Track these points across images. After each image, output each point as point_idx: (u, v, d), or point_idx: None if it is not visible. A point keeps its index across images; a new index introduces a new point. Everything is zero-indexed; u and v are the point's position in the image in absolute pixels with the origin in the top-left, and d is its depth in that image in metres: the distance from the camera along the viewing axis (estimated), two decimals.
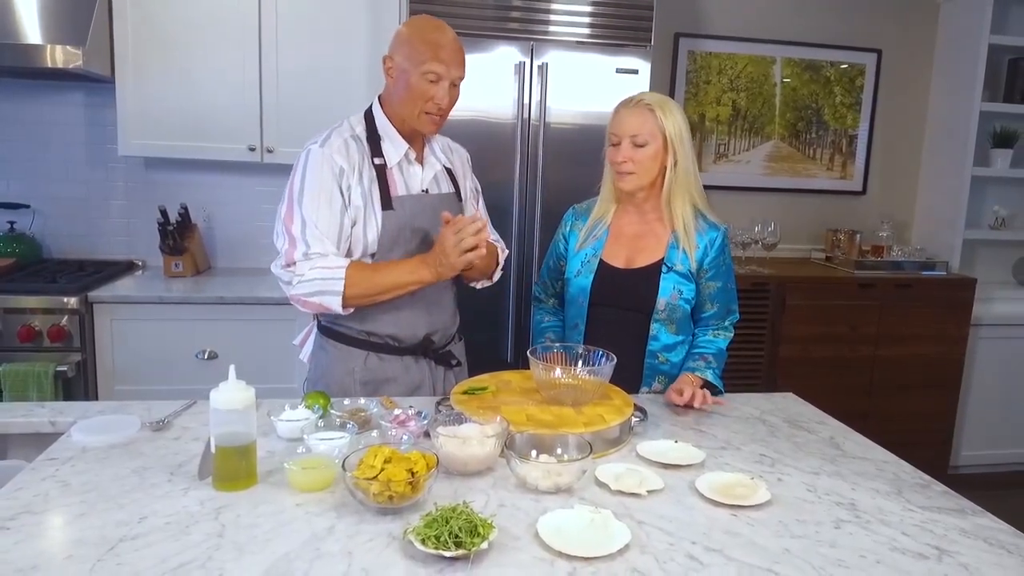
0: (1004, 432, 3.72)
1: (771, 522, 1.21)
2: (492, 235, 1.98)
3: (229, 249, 3.32)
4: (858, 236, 3.65)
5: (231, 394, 1.21)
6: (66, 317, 2.64)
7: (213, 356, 2.76)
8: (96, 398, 2.70)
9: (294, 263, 1.63)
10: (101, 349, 2.70)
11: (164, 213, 2.98)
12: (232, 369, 1.23)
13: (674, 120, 1.73)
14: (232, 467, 1.22)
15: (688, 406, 1.66)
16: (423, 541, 1.03)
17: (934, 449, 3.54)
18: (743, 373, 3.30)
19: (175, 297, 2.76)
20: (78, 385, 2.66)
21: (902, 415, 3.46)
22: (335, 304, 1.62)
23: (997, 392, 3.68)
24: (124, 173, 3.20)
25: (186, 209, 3.11)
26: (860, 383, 3.43)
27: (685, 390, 1.66)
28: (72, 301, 2.63)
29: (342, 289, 1.60)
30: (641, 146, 1.73)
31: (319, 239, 1.63)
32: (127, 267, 3.15)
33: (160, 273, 3.05)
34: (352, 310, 1.68)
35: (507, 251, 2.02)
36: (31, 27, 2.66)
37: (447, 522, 1.05)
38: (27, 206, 3.10)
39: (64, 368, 2.59)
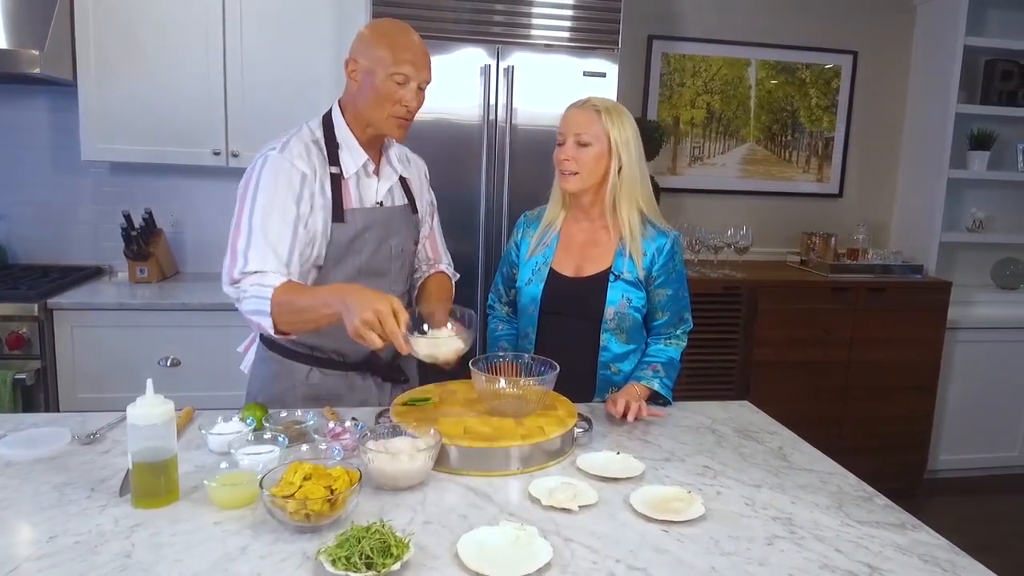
0: (981, 436, 3.70)
1: (703, 538, 1.18)
2: (445, 258, 1.95)
3: (197, 253, 3.29)
4: (833, 239, 3.62)
5: (148, 409, 1.18)
6: (26, 324, 2.60)
7: (176, 363, 2.73)
8: (57, 406, 2.67)
9: (235, 281, 1.53)
10: (62, 356, 2.67)
11: (128, 218, 2.94)
12: (149, 383, 1.20)
13: (620, 125, 1.70)
14: (150, 484, 1.19)
15: (624, 417, 1.63)
16: (333, 562, 1.00)
17: (911, 453, 3.51)
18: (715, 378, 3.27)
19: (136, 304, 2.72)
20: (38, 393, 2.63)
21: (878, 419, 3.43)
22: (269, 327, 1.49)
23: (974, 395, 3.65)
24: (90, 178, 3.16)
25: (150, 214, 3.07)
26: (835, 387, 3.40)
27: (619, 401, 1.63)
28: (32, 308, 2.59)
29: (270, 310, 1.47)
30: (584, 146, 1.71)
31: (262, 253, 1.52)
32: (94, 273, 3.11)
33: (127, 279, 3.02)
34: (292, 336, 1.57)
35: (458, 275, 1.97)
36: None
37: (359, 542, 1.02)
38: None
39: (23, 376, 2.56)
